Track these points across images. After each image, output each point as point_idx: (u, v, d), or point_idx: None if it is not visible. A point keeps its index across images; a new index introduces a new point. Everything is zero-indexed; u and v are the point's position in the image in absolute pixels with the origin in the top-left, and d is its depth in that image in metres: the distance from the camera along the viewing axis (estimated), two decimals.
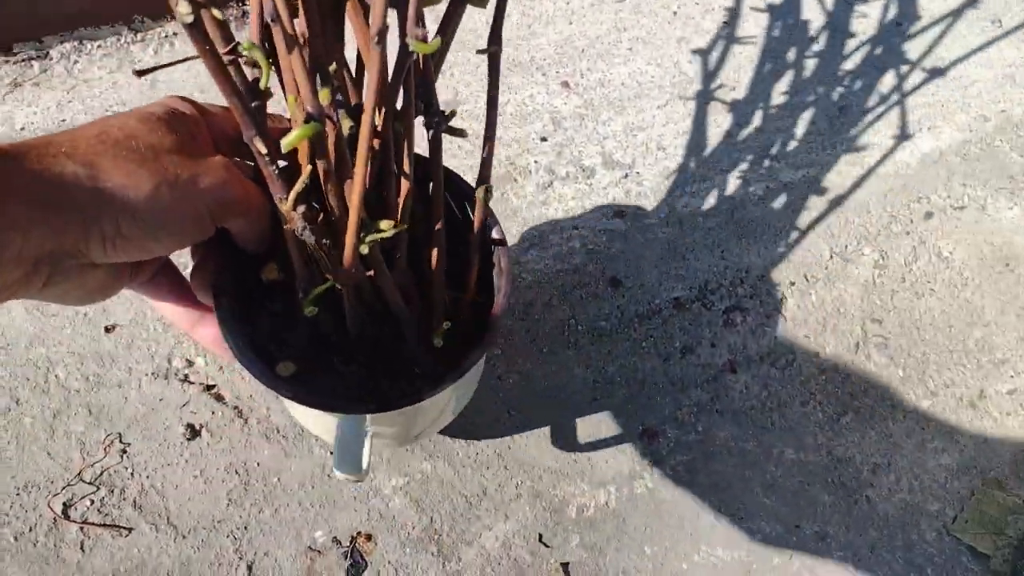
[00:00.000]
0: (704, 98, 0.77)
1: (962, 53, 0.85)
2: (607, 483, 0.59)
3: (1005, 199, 0.76)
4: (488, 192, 0.44)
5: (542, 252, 0.68)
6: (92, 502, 0.53)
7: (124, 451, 0.55)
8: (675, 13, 0.82)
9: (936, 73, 0.83)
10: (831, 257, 0.71)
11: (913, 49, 0.85)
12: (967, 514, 0.61)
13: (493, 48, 0.41)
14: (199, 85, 0.70)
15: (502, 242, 0.47)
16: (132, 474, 0.55)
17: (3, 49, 0.68)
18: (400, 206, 0.42)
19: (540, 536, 0.56)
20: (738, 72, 0.80)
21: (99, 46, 0.70)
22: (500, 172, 0.71)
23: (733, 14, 0.83)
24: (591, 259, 0.68)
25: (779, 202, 0.73)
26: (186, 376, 0.58)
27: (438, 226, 0.44)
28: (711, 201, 0.72)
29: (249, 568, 0.53)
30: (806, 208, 0.73)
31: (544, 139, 0.73)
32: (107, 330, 0.59)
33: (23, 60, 0.68)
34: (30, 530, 0.52)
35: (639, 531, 0.57)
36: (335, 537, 0.54)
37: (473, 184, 0.45)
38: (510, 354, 0.63)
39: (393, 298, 0.44)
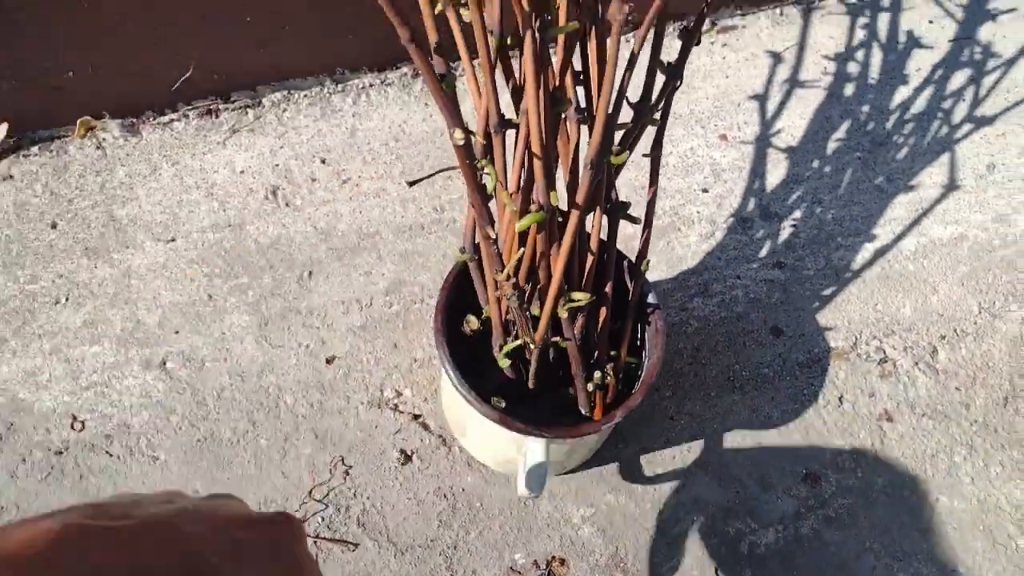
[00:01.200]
0: (855, 152, 0.81)
1: None
2: (774, 523, 0.64)
3: None
4: (646, 265, 0.53)
5: (706, 300, 0.73)
6: (322, 519, 0.60)
7: (347, 473, 0.62)
8: (824, 71, 0.86)
9: None
10: (979, 312, 0.75)
11: None
12: None
13: (656, 153, 0.50)
14: (396, 133, 0.76)
15: (657, 306, 0.55)
16: (355, 494, 0.61)
17: (223, 97, 0.75)
18: (585, 279, 0.51)
19: (716, 569, 0.62)
20: (888, 128, 0.83)
21: (305, 95, 0.77)
22: (665, 222, 0.76)
23: (891, 69, 0.87)
24: (753, 307, 0.72)
25: (929, 257, 0.77)
26: (396, 406, 0.65)
27: (607, 288, 0.53)
28: (865, 255, 0.76)
29: None
30: (955, 264, 0.77)
31: (705, 190, 0.78)
32: (328, 361, 0.66)
33: (239, 108, 0.76)
34: None
35: (805, 570, 0.62)
36: (534, 560, 0.61)
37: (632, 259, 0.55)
38: (679, 396, 0.68)
39: (573, 356, 0.53)
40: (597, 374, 0.55)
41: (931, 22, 0.91)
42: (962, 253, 0.77)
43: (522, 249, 0.49)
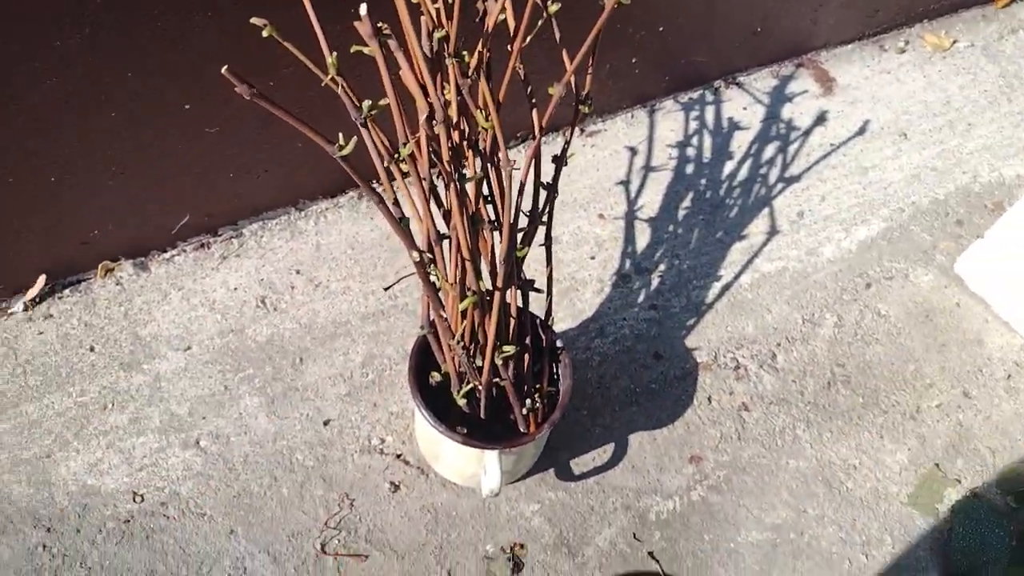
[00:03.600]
0: (699, 216, 1.07)
1: (879, 161, 1.17)
2: (672, 495, 0.86)
3: (921, 268, 1.06)
4: (552, 321, 0.76)
5: (603, 339, 0.96)
6: (338, 540, 0.80)
7: (352, 504, 0.82)
8: (670, 156, 1.13)
9: (862, 179, 1.15)
10: (803, 323, 1.01)
11: (844, 163, 1.16)
12: (916, 492, 0.89)
13: (548, 243, 0.73)
14: (351, 243, 0.99)
15: (564, 348, 0.78)
16: (360, 519, 0.81)
17: (212, 232, 0.96)
18: (511, 336, 0.73)
19: (634, 534, 0.84)
20: (722, 194, 1.10)
21: (276, 223, 0.99)
22: (566, 285, 1.00)
23: (719, 149, 1.15)
24: (638, 341, 0.96)
25: (762, 286, 1.03)
26: (382, 450, 0.85)
27: (527, 340, 0.75)
28: (714, 291, 1.01)
29: (449, 573, 0.79)
30: (781, 290, 1.03)
31: (592, 258, 1.02)
32: (325, 424, 0.86)
33: (226, 239, 0.97)
34: (302, 563, 0.78)
35: (698, 525, 0.85)
36: (501, 547, 0.81)
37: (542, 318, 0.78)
38: (592, 413, 0.91)
39: (510, 390, 0.74)
40: (528, 402, 0.78)
41: (744, 108, 1.20)
42: (785, 281, 1.04)
43: (465, 321, 0.71)
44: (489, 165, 0.67)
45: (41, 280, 0.90)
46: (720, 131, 1.17)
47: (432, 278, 0.69)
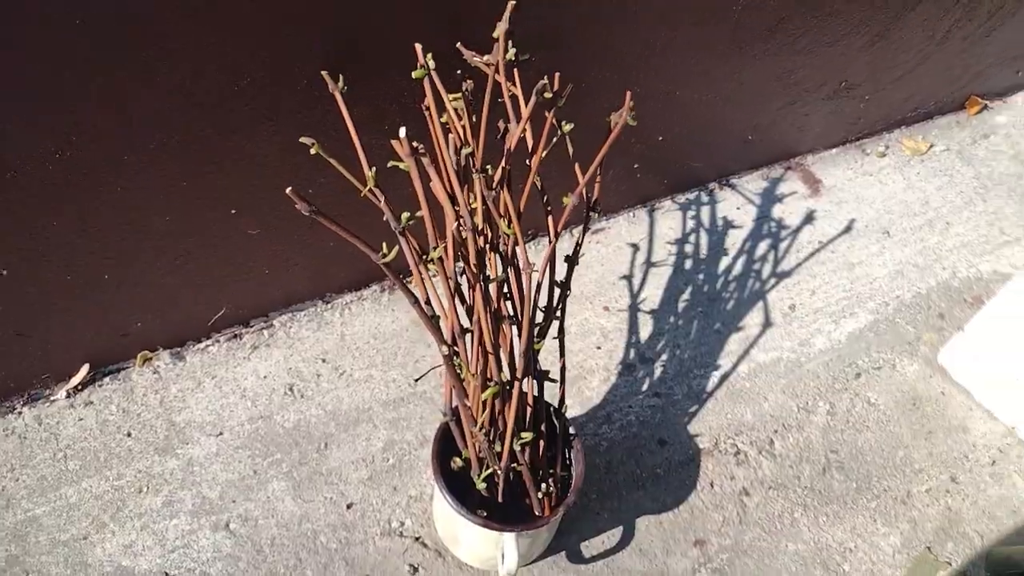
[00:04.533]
0: (697, 308, 1.15)
1: (865, 257, 1.25)
2: None
3: (907, 359, 1.13)
4: (565, 409, 0.82)
5: (610, 426, 1.02)
6: None
7: None
8: (669, 252, 1.21)
9: (849, 274, 1.23)
10: (798, 410, 1.06)
11: (831, 259, 1.25)
12: (910, 574, 0.93)
13: (560, 336, 0.79)
14: (374, 333, 1.05)
15: (576, 435, 0.83)
16: None
17: (244, 324, 1.03)
18: (528, 423, 0.79)
19: None
20: (719, 288, 1.18)
21: (304, 314, 1.06)
22: (574, 373, 1.06)
23: (715, 245, 1.23)
24: (643, 427, 1.02)
25: (758, 376, 1.09)
26: (402, 532, 0.90)
27: (543, 427, 0.80)
28: (714, 380, 1.07)
29: None
30: (776, 379, 1.09)
31: (599, 347, 1.09)
32: (347, 507, 0.91)
33: (257, 330, 1.03)
34: None
35: None
36: None
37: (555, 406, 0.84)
38: (601, 498, 0.96)
39: (526, 475, 0.80)
40: (543, 486, 0.83)
41: (738, 208, 1.29)
42: (780, 370, 1.10)
43: (485, 410, 0.77)
44: (510, 267, 0.75)
45: (84, 369, 0.96)
46: (715, 229, 1.25)
47: (456, 369, 0.75)
